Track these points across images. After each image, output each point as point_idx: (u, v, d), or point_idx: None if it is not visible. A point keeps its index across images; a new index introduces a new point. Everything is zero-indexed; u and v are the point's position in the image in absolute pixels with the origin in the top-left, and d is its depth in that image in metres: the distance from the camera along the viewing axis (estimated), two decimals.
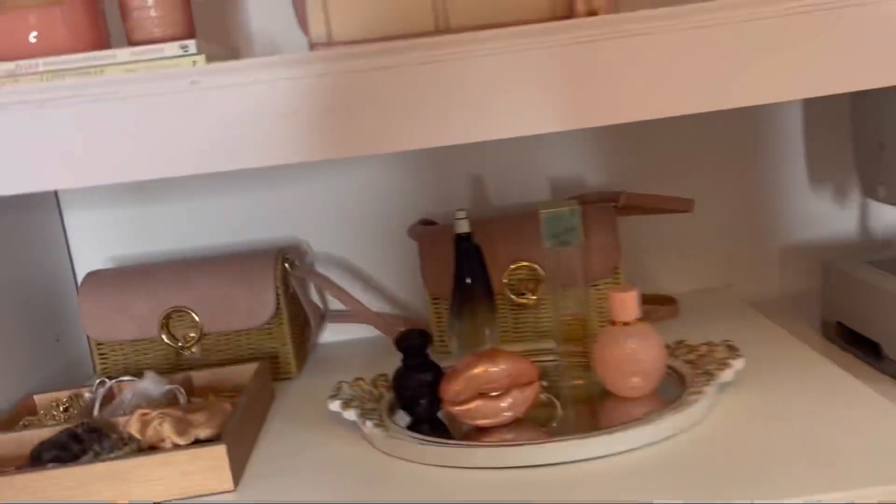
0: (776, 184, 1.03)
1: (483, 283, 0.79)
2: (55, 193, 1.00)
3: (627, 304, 0.73)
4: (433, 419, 0.75)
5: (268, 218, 1.02)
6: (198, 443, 0.69)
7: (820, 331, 0.91)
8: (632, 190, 0.92)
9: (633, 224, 0.99)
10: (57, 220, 1.01)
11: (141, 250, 1.02)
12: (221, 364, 0.89)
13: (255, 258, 0.93)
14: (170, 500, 0.67)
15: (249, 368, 0.86)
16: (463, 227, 0.78)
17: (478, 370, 0.70)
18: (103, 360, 0.92)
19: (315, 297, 1.03)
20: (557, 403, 0.78)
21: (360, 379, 0.81)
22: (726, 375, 0.72)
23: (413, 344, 0.74)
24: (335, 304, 1.04)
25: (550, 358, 0.84)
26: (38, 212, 0.96)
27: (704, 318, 0.94)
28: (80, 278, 0.98)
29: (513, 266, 0.89)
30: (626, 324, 0.73)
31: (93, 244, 1.02)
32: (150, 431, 0.69)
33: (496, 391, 0.71)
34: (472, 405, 0.71)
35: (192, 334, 0.91)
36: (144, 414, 0.71)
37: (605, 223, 0.88)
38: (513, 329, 0.92)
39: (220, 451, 0.66)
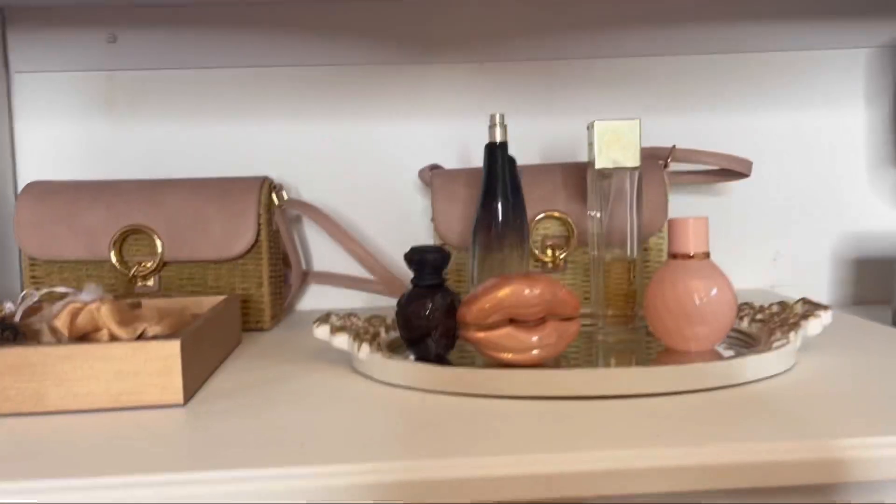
0: (830, 175, 0.92)
1: (518, 207, 0.65)
2: (8, 99, 0.86)
3: (694, 232, 0.60)
4: (443, 361, 0.60)
5: (254, 155, 0.88)
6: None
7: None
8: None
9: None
10: (5, 129, 0.85)
11: (102, 177, 0.87)
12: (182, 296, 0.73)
13: (236, 181, 0.78)
14: (97, 409, 0.50)
15: (216, 300, 0.70)
16: (498, 134, 0.65)
17: (510, 289, 0.56)
18: (35, 284, 0.75)
19: (298, 253, 0.89)
20: (600, 350, 0.64)
21: (352, 315, 0.66)
22: (813, 326, 0.58)
23: (428, 258, 0.59)
24: (319, 264, 0.89)
25: (586, 323, 0.70)
26: None
27: None
28: None
29: (538, 217, 0.76)
30: (689, 257, 0.60)
31: (46, 164, 0.87)
32: (81, 319, 0.53)
33: (530, 319, 0.57)
34: (501, 331, 0.56)
35: (147, 264, 0.75)
36: (77, 308, 0.55)
37: (653, 178, 0.76)
38: None
39: (172, 346, 0.50)
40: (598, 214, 0.67)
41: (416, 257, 0.60)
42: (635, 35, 0.88)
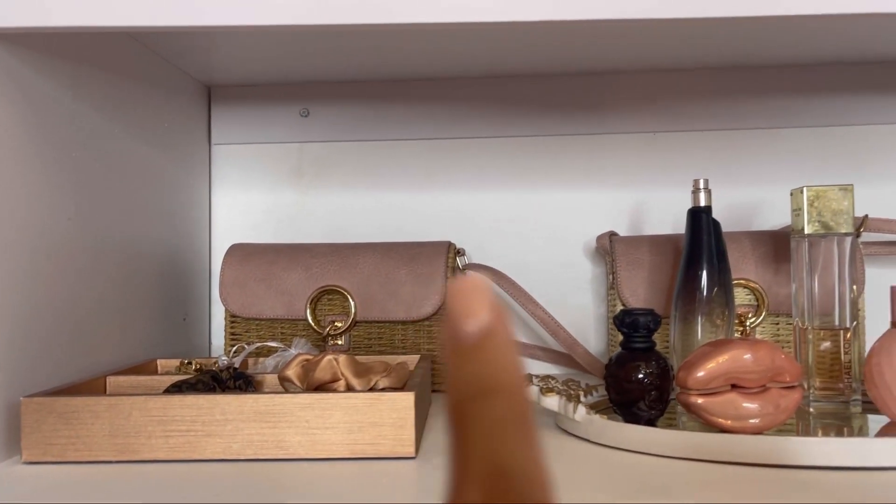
0: None
1: (724, 273, 0.64)
2: (209, 168, 0.93)
3: None
4: (653, 426, 0.59)
5: (433, 222, 0.91)
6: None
7: None
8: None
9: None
10: (205, 196, 0.92)
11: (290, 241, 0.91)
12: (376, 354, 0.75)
13: (424, 245, 0.81)
14: (334, 458, 0.51)
15: (410, 359, 0.71)
16: (702, 198, 0.65)
17: (731, 355, 0.55)
18: (234, 340, 0.79)
19: None
20: (817, 423, 0.61)
21: (550, 377, 0.66)
22: None
23: (640, 321, 0.59)
24: None
25: None
26: (187, 186, 0.87)
27: None
28: (217, 261, 0.87)
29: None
30: None
31: (237, 229, 0.92)
32: (319, 371, 0.55)
33: (753, 387, 0.56)
34: (723, 397, 0.55)
35: (339, 323, 0.78)
36: (306, 359, 0.57)
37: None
38: None
39: (407, 399, 0.51)
40: (806, 284, 0.65)
41: (627, 319, 0.60)
42: (816, 105, 0.88)
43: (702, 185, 0.65)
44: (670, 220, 0.88)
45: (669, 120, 0.89)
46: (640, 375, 0.58)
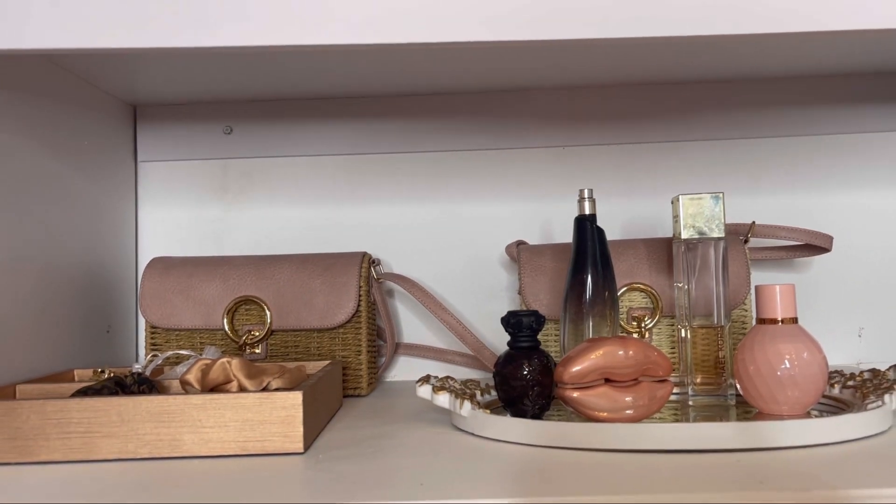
0: None
1: (608, 277, 0.69)
2: (135, 185, 0.95)
3: (782, 297, 0.62)
4: (539, 420, 0.63)
5: (352, 235, 0.95)
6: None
7: None
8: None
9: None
10: (131, 212, 0.94)
11: (215, 255, 0.94)
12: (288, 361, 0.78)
13: (339, 256, 0.84)
14: (225, 455, 0.54)
15: (321, 364, 0.75)
16: (587, 207, 0.69)
17: (604, 351, 0.59)
18: (154, 350, 0.82)
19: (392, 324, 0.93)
20: (692, 413, 0.65)
21: (449, 378, 0.69)
22: None
23: (524, 321, 0.63)
24: (408, 337, 0.94)
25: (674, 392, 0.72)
26: (111, 202, 0.90)
27: None
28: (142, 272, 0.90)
29: (622, 289, 0.79)
30: (780, 322, 0.62)
31: (164, 243, 0.95)
32: (213, 373, 0.58)
33: (625, 380, 0.60)
34: (597, 390, 0.59)
35: (256, 332, 0.81)
36: (206, 364, 0.60)
37: (735, 253, 0.79)
38: None
39: (294, 397, 0.55)
40: (685, 286, 0.70)
41: (512, 320, 0.64)
42: (713, 118, 0.93)
43: (586, 195, 0.70)
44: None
45: (577, 134, 0.94)
46: (524, 372, 0.62)
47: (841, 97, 0.92)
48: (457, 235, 0.95)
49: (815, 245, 0.82)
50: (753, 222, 0.82)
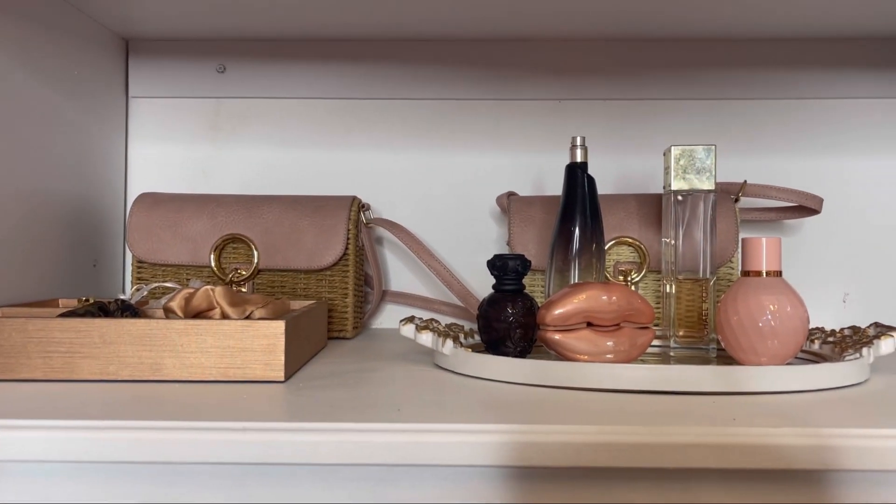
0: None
1: (596, 228, 0.69)
2: (125, 120, 0.94)
3: (768, 250, 0.62)
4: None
5: (343, 179, 0.94)
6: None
7: None
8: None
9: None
10: (121, 147, 0.94)
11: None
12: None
13: (329, 199, 0.84)
14: (206, 380, 0.54)
15: (307, 303, 0.75)
16: (579, 154, 0.69)
17: (587, 295, 0.59)
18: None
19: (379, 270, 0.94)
20: (672, 362, 0.66)
21: (434, 320, 0.70)
22: (886, 346, 0.60)
23: (510, 264, 0.63)
24: (396, 285, 0.94)
25: (655, 344, 0.73)
26: (101, 136, 0.89)
27: None
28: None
29: (611, 243, 0.79)
30: (764, 274, 0.62)
31: (154, 180, 0.94)
32: (196, 300, 0.58)
33: (607, 325, 0.60)
34: (578, 333, 0.59)
35: (243, 271, 0.80)
36: (190, 292, 0.60)
37: (725, 210, 0.79)
38: None
39: (277, 326, 0.55)
40: (672, 241, 0.70)
41: (498, 263, 0.64)
42: (709, 78, 0.92)
43: (578, 142, 0.69)
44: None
45: (574, 88, 0.93)
46: (508, 314, 0.62)
47: (836, 61, 0.92)
48: (449, 185, 0.95)
49: (806, 206, 0.82)
50: (745, 181, 0.82)
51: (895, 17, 0.84)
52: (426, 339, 0.63)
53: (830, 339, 0.66)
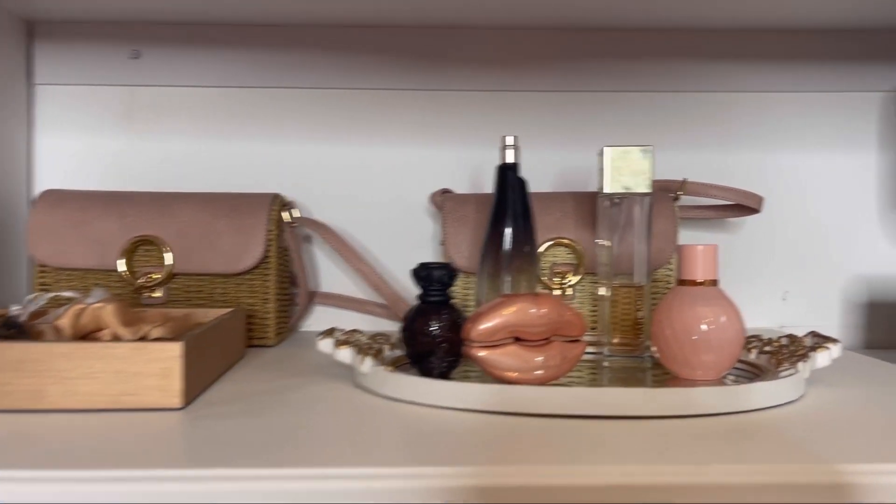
0: (841, 217, 0.92)
1: (528, 230, 0.65)
2: (28, 109, 0.87)
3: (704, 259, 0.60)
4: (447, 378, 0.59)
5: (268, 174, 0.89)
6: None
7: None
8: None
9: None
10: (23, 139, 0.87)
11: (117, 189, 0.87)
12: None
13: (248, 196, 0.79)
14: (96, 409, 0.49)
15: (222, 312, 0.70)
16: (509, 155, 0.65)
17: (516, 308, 0.56)
18: (44, 291, 0.75)
19: (306, 272, 0.89)
20: (605, 375, 0.63)
21: (357, 331, 0.65)
22: (822, 358, 0.58)
23: (434, 274, 0.59)
24: (326, 286, 0.89)
25: (589, 351, 0.70)
26: (3, 125, 0.82)
27: None
28: None
29: (546, 244, 0.76)
30: (698, 284, 0.59)
31: (62, 175, 0.88)
32: (84, 319, 0.53)
33: (536, 339, 0.56)
34: (505, 349, 0.56)
35: (156, 275, 0.75)
36: (81, 308, 0.55)
37: (663, 210, 0.76)
38: None
39: (173, 349, 0.50)
40: (607, 244, 0.67)
41: (423, 273, 0.60)
42: (649, 70, 0.89)
43: (509, 142, 0.65)
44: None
45: (509, 79, 0.89)
46: (432, 328, 0.58)
47: (777, 54, 0.89)
48: (382, 180, 0.90)
49: (746, 206, 0.80)
50: (684, 179, 0.79)
51: (835, 10, 0.81)
52: (345, 355, 0.58)
53: (767, 348, 0.64)
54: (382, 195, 0.90)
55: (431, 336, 0.58)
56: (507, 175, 0.65)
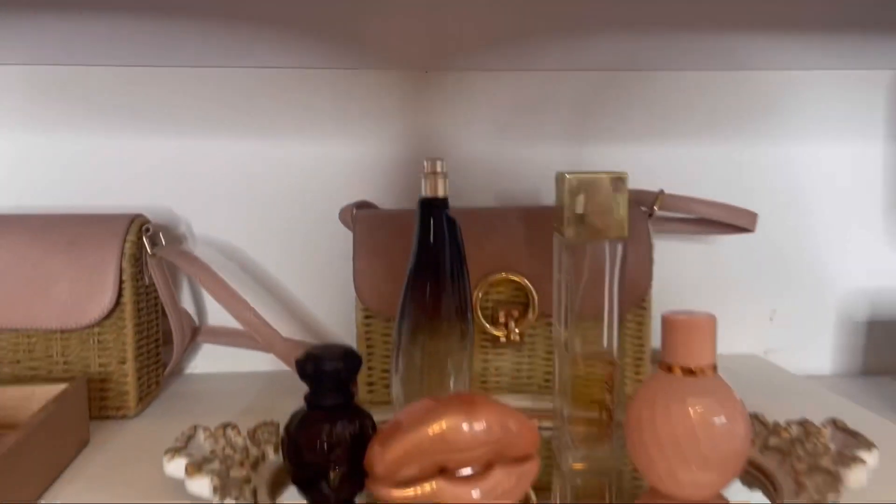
0: (838, 221, 0.77)
1: (458, 281, 0.48)
2: None
3: (699, 336, 0.44)
4: None
5: (127, 183, 0.69)
6: None
7: None
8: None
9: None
10: None
11: None
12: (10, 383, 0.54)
13: (94, 223, 0.59)
14: None
15: (53, 391, 0.52)
16: (434, 186, 0.47)
17: (439, 428, 0.39)
18: None
19: (188, 303, 0.71)
20: (567, 489, 0.47)
21: (231, 426, 0.48)
22: (854, 478, 0.43)
23: (328, 368, 0.42)
24: (218, 318, 0.71)
25: (544, 425, 0.55)
26: None
27: (743, 395, 0.65)
28: None
29: (490, 280, 0.59)
30: (691, 372, 0.44)
31: None
32: None
33: (467, 466, 0.40)
34: (422, 488, 0.39)
35: None
36: None
37: (636, 233, 0.60)
38: (480, 377, 0.62)
39: None
40: (561, 294, 0.50)
41: (308, 368, 0.42)
42: (613, 45, 0.71)
43: (436, 168, 0.47)
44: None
45: (444, 56, 0.70)
46: (324, 444, 0.42)
47: (767, 25, 0.72)
48: (284, 182, 0.71)
49: (736, 225, 0.64)
50: (661, 191, 0.63)
51: None
52: (201, 486, 0.41)
53: (773, 441, 0.49)
54: (283, 200, 0.71)
55: (323, 454, 0.42)
56: (433, 215, 0.47)
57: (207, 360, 0.72)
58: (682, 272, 0.74)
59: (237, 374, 0.71)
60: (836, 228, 0.77)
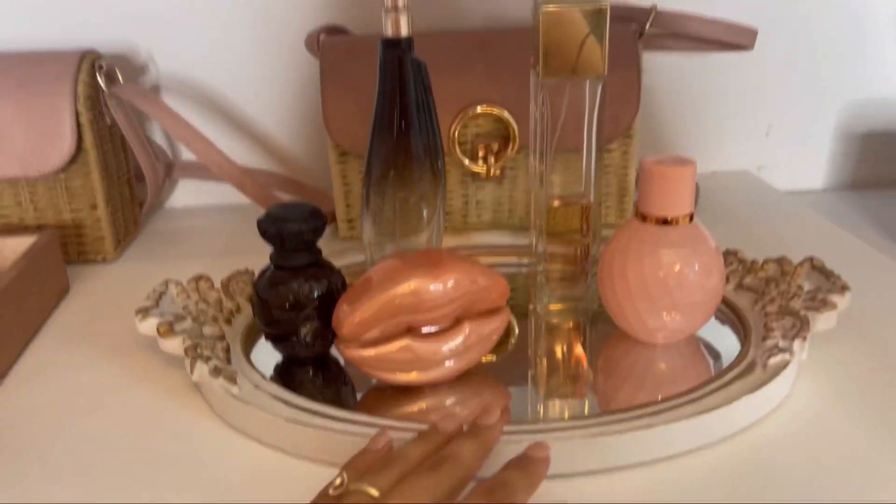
0: (843, 25, 0.71)
1: (426, 124, 0.45)
2: None
3: (676, 185, 0.42)
4: (322, 359, 0.44)
5: (77, 13, 0.64)
6: None
7: None
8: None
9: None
10: None
11: None
12: None
13: (42, 62, 0.55)
14: None
15: (24, 244, 0.51)
16: (397, 25, 0.43)
17: (406, 287, 0.39)
18: None
19: (161, 138, 0.68)
20: (535, 341, 0.48)
21: (203, 278, 0.48)
22: (824, 321, 0.43)
23: (291, 230, 0.41)
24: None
25: (522, 262, 0.54)
26: None
27: (729, 218, 0.64)
28: None
29: (470, 113, 0.56)
30: (666, 221, 0.42)
31: None
32: None
33: (436, 325, 0.40)
34: (391, 346, 0.40)
35: None
36: None
37: (623, 55, 0.55)
38: (460, 213, 0.61)
39: None
40: (537, 134, 0.47)
41: (271, 230, 0.41)
42: None
43: (399, 3, 0.42)
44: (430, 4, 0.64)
45: None
46: (293, 302, 0.41)
47: None
48: (250, 9, 0.65)
49: (734, 43, 0.59)
50: (654, 7, 0.57)
51: None
52: (174, 346, 0.42)
53: (748, 280, 0.48)
54: (253, 31, 0.66)
55: (293, 311, 0.42)
56: (397, 59, 0.43)
57: (188, 195, 0.71)
58: (677, 88, 0.70)
59: (218, 207, 0.69)
60: (844, 34, 0.71)
